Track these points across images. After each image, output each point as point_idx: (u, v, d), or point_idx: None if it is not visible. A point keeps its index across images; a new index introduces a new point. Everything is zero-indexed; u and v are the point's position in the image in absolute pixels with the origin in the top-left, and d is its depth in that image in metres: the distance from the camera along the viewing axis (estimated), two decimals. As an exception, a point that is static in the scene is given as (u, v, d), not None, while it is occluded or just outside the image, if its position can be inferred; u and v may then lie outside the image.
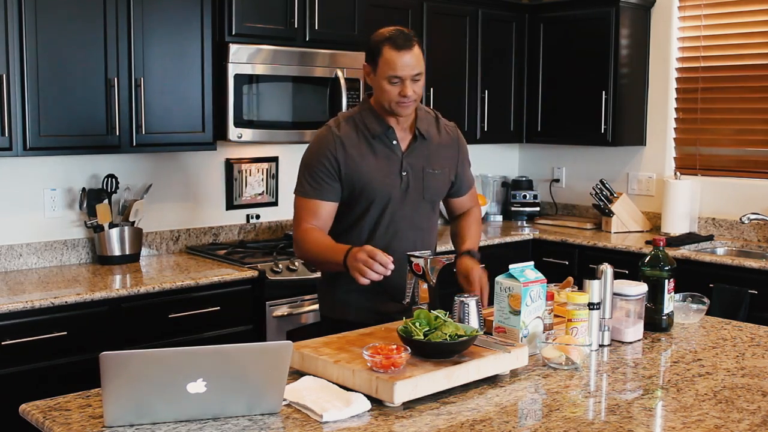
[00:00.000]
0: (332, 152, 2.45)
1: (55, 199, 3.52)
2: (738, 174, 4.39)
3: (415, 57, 2.39)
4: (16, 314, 2.83)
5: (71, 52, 3.16)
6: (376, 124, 2.49)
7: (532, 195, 5.08)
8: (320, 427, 1.69)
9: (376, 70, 2.42)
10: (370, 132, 2.49)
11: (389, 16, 4.22)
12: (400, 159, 2.51)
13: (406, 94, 2.40)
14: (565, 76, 4.76)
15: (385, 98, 2.43)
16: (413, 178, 2.52)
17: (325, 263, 2.44)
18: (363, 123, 2.50)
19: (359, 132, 2.49)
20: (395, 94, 2.40)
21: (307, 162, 2.50)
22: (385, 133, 2.50)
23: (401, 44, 2.38)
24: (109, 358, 1.59)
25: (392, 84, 2.39)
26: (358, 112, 2.53)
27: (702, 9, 4.48)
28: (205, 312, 3.27)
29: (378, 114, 2.50)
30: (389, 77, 2.39)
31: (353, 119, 2.52)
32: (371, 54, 2.44)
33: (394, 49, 2.37)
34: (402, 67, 2.37)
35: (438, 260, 2.35)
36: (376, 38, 2.44)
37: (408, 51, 2.38)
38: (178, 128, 3.47)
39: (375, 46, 2.42)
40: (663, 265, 2.46)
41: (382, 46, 2.39)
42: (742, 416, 1.79)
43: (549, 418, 1.77)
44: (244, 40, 3.57)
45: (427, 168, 2.55)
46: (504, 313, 2.18)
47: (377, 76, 2.42)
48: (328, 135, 2.48)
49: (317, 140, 2.51)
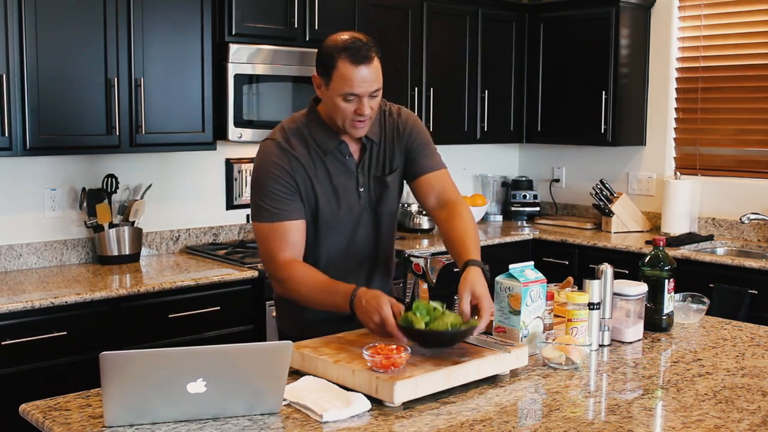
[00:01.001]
0: (286, 168, 2.19)
1: (55, 199, 3.52)
2: (738, 174, 4.39)
3: (374, 71, 2.12)
4: (16, 314, 2.83)
5: (71, 52, 3.16)
6: (326, 138, 2.23)
7: (532, 195, 5.08)
8: (320, 427, 1.69)
9: (329, 84, 2.13)
10: (321, 148, 2.23)
11: (389, 16, 4.22)
12: (356, 175, 2.27)
13: (362, 113, 2.13)
14: (565, 76, 4.76)
15: (338, 116, 2.16)
16: (372, 191, 2.30)
17: (322, 305, 2.16)
18: (312, 137, 2.23)
19: (309, 148, 2.23)
20: (350, 111, 2.14)
21: (262, 182, 2.20)
22: (337, 147, 2.24)
23: (359, 57, 2.08)
24: (109, 358, 1.59)
25: (347, 101, 2.12)
26: (305, 123, 2.25)
27: (702, 9, 4.48)
28: (205, 312, 3.27)
29: (327, 126, 2.23)
30: (344, 94, 2.11)
31: (300, 132, 2.24)
32: (323, 65, 2.13)
33: (350, 63, 2.08)
34: (359, 83, 2.10)
35: (438, 260, 2.35)
36: (329, 47, 2.13)
37: (366, 65, 2.10)
38: (178, 128, 3.47)
39: (328, 57, 2.11)
40: (663, 265, 2.46)
41: (337, 58, 2.09)
42: (742, 416, 1.79)
43: (549, 418, 1.77)
44: (244, 40, 3.57)
45: (382, 176, 2.31)
46: (504, 313, 2.18)
47: (330, 90, 2.13)
48: (278, 151, 2.21)
49: (266, 156, 2.22)
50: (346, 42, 2.11)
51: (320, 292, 2.14)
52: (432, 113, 4.42)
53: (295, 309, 2.33)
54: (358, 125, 2.18)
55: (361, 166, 2.29)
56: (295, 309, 2.33)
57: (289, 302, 2.29)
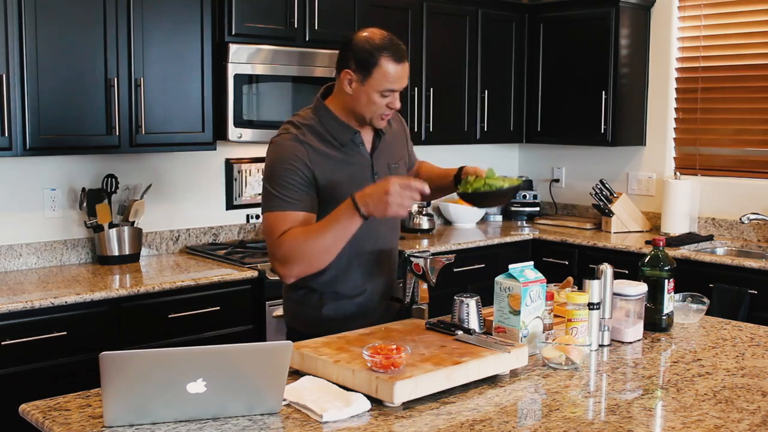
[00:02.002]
0: (304, 160, 2.23)
1: (55, 199, 3.52)
2: (738, 174, 4.39)
3: (407, 69, 2.26)
4: (16, 314, 2.83)
5: (71, 52, 3.16)
6: (341, 131, 2.30)
7: (532, 195, 5.09)
8: (320, 427, 1.69)
9: (368, 80, 2.21)
10: (338, 140, 2.30)
11: (389, 16, 4.22)
12: (370, 162, 2.37)
13: (395, 107, 2.27)
14: (565, 76, 4.76)
15: (369, 110, 2.26)
16: (383, 178, 2.33)
17: (335, 237, 2.14)
18: (327, 131, 2.29)
19: (325, 141, 2.29)
20: (383, 106, 2.25)
21: (277, 173, 2.24)
22: (352, 139, 2.32)
23: (399, 56, 2.22)
24: (109, 358, 1.59)
25: (384, 96, 2.23)
26: (317, 119, 2.31)
27: (702, 9, 4.48)
28: (205, 312, 3.27)
29: (340, 120, 2.31)
30: (384, 90, 2.22)
31: (313, 127, 2.29)
32: (362, 62, 2.20)
33: (394, 61, 2.20)
34: (399, 80, 2.23)
35: (438, 260, 2.35)
36: (369, 45, 2.21)
37: (404, 63, 2.24)
38: (178, 128, 3.47)
39: (369, 54, 2.20)
40: (663, 265, 2.46)
41: (380, 56, 2.19)
42: (742, 416, 1.79)
43: (549, 418, 1.77)
44: (244, 40, 3.57)
45: (391, 163, 2.43)
46: (504, 313, 2.18)
47: (366, 86, 2.22)
48: (296, 143, 2.25)
49: (282, 149, 2.26)
50: (385, 41, 2.22)
51: (319, 229, 2.16)
52: (432, 113, 4.43)
53: (307, 306, 2.38)
54: (385, 117, 2.31)
55: (374, 155, 2.38)
56: (307, 306, 2.38)
57: (301, 299, 2.37)
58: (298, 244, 2.17)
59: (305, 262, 2.19)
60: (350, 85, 2.25)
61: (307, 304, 2.38)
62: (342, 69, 2.26)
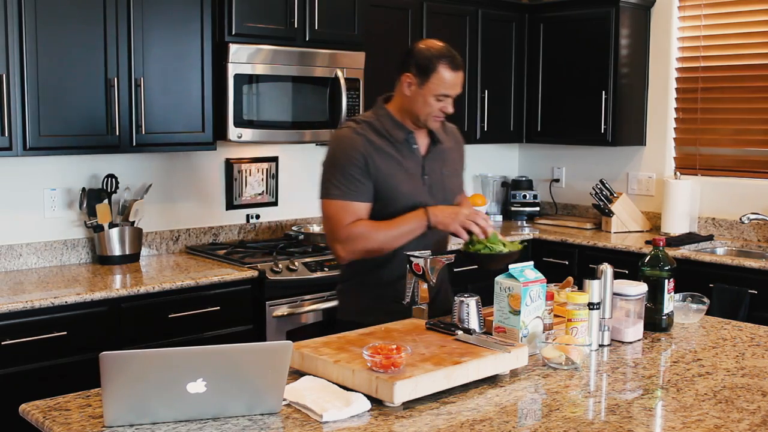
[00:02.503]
0: (362, 152, 2.45)
1: (55, 199, 3.52)
2: (738, 174, 4.39)
3: (462, 77, 2.49)
4: (16, 314, 2.83)
5: (71, 52, 3.16)
6: (397, 130, 2.52)
7: (532, 195, 5.08)
8: (320, 427, 1.69)
9: (425, 84, 2.45)
10: (394, 138, 2.51)
11: (389, 16, 4.22)
12: (422, 163, 2.56)
13: (449, 112, 2.50)
14: (565, 76, 4.76)
15: (423, 111, 2.48)
16: (434, 180, 2.57)
17: (400, 235, 2.43)
18: (384, 129, 2.51)
19: (383, 137, 2.50)
20: (436, 109, 2.48)
21: (337, 162, 2.47)
22: (406, 138, 2.53)
23: (456, 65, 2.45)
24: (109, 358, 1.59)
25: (438, 101, 2.46)
26: (376, 118, 2.53)
27: (702, 9, 4.48)
28: (205, 312, 3.27)
29: (396, 120, 2.53)
30: (439, 94, 2.45)
31: (372, 125, 2.52)
32: (422, 67, 2.44)
33: (450, 69, 2.44)
34: (454, 86, 2.46)
35: (438, 260, 2.36)
36: (429, 53, 2.45)
37: (460, 72, 2.47)
38: (178, 128, 3.47)
39: (428, 61, 2.43)
40: (663, 265, 2.46)
41: (438, 63, 2.43)
42: (742, 416, 1.79)
43: (549, 418, 1.77)
44: (244, 40, 3.57)
45: (444, 170, 2.62)
46: (504, 313, 2.18)
47: (424, 89, 2.45)
48: (356, 136, 2.48)
49: (344, 140, 2.49)
50: (443, 50, 2.47)
51: (389, 226, 2.44)
52: (432, 113, 4.42)
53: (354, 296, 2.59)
54: (437, 119, 2.53)
55: (426, 158, 2.58)
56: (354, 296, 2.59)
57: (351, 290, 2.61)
58: (366, 232, 2.43)
59: (366, 249, 2.45)
60: (409, 88, 2.48)
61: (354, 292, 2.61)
62: (403, 72, 2.49)
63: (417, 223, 2.44)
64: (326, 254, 3.71)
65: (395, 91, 2.55)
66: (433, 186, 2.57)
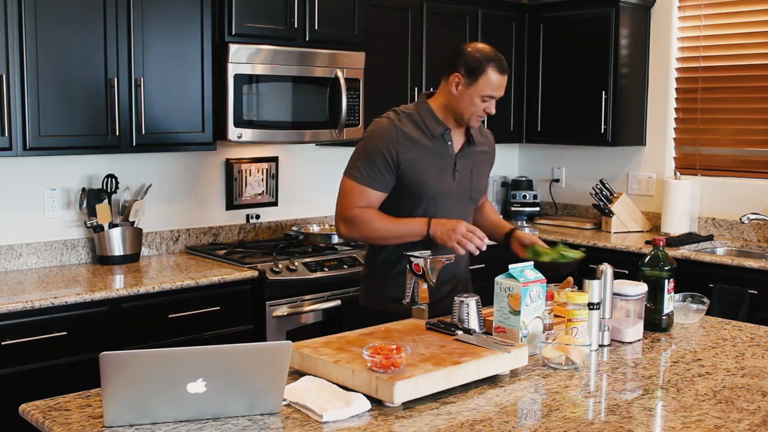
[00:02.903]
0: (394, 146, 2.53)
1: (55, 199, 3.52)
2: (738, 174, 4.39)
3: (506, 81, 2.59)
4: (16, 314, 2.83)
5: (71, 52, 3.16)
6: (435, 125, 2.60)
7: (532, 195, 5.08)
8: (320, 427, 1.69)
9: (473, 85, 2.53)
10: (431, 132, 2.59)
11: (389, 16, 4.22)
12: (454, 160, 2.63)
13: (491, 113, 2.60)
14: (565, 76, 4.76)
15: (468, 110, 2.57)
16: (463, 178, 2.65)
17: (398, 235, 2.53)
18: (423, 122, 2.60)
19: (419, 130, 2.59)
20: (480, 109, 2.57)
21: (367, 149, 2.57)
22: (443, 134, 2.61)
23: (504, 68, 2.56)
24: (109, 358, 1.59)
25: (484, 101, 2.56)
26: (417, 111, 2.62)
27: (702, 9, 4.48)
28: (205, 312, 3.27)
29: (436, 116, 2.61)
30: (485, 95, 2.54)
31: (412, 117, 2.61)
32: (472, 68, 2.53)
33: (498, 72, 2.55)
34: (499, 88, 2.57)
35: (438, 260, 2.36)
36: (480, 55, 2.54)
37: (506, 75, 2.58)
38: (178, 128, 3.47)
39: (478, 63, 2.53)
40: (663, 265, 2.46)
41: (487, 65, 2.53)
42: (742, 416, 1.79)
43: (549, 418, 1.77)
44: (244, 40, 3.57)
45: (474, 170, 2.69)
46: (504, 313, 2.18)
47: (471, 89, 2.54)
48: (391, 127, 2.57)
49: (379, 130, 2.59)
50: (492, 53, 2.57)
51: (397, 223, 2.53)
52: (432, 113, 4.42)
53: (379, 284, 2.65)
54: (479, 119, 2.62)
55: (459, 156, 2.66)
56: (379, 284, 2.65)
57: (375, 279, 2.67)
58: (370, 220, 2.53)
59: (364, 235, 2.58)
60: (456, 87, 2.56)
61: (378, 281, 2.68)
62: (452, 72, 2.57)
63: (417, 229, 2.51)
64: (326, 254, 3.72)
65: (439, 89, 2.64)
66: (461, 183, 2.64)
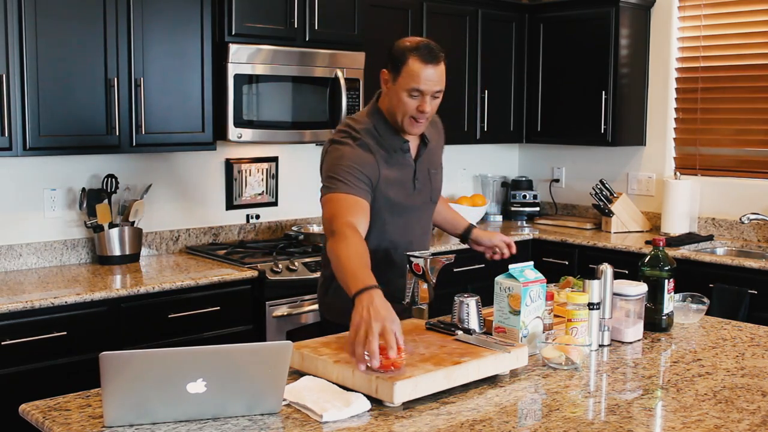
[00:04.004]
0: (365, 161, 2.35)
1: (55, 199, 3.52)
2: (738, 174, 4.39)
3: (439, 73, 2.32)
4: (16, 314, 2.83)
5: (71, 52, 3.16)
6: (393, 138, 2.43)
7: (532, 195, 5.08)
8: (320, 427, 1.69)
9: (397, 79, 2.33)
10: (390, 146, 2.42)
11: (389, 16, 4.22)
12: (414, 168, 2.49)
13: (424, 110, 2.33)
14: (565, 76, 4.76)
15: (399, 110, 2.35)
16: (422, 183, 2.52)
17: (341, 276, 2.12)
18: (380, 136, 2.41)
19: (378, 143, 2.41)
20: (412, 107, 2.33)
21: (342, 164, 2.33)
22: (401, 146, 2.45)
23: (428, 58, 2.30)
24: (109, 358, 1.59)
25: (412, 97, 2.32)
26: (372, 124, 2.42)
27: (702, 9, 4.48)
28: (205, 312, 3.27)
29: (390, 125, 2.42)
30: (410, 89, 2.31)
31: (370, 131, 2.41)
32: (394, 61, 2.34)
33: (420, 61, 2.29)
34: (425, 80, 2.30)
35: (438, 260, 2.35)
36: (401, 46, 2.34)
37: (434, 65, 2.30)
38: (178, 128, 3.47)
39: (400, 54, 2.32)
40: (663, 265, 2.46)
41: (408, 56, 2.30)
42: (742, 416, 1.79)
43: (549, 418, 1.77)
44: (244, 40, 3.57)
45: (431, 169, 2.56)
46: (504, 313, 2.18)
47: (397, 85, 2.34)
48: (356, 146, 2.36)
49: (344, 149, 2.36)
50: (419, 43, 2.33)
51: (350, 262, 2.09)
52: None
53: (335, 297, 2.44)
54: (415, 124, 2.38)
55: (417, 161, 2.50)
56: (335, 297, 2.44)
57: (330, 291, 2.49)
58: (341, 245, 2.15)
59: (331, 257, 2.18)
60: (386, 85, 2.40)
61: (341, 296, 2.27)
62: (381, 69, 2.41)
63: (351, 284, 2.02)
64: (326, 254, 3.71)
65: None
66: (422, 190, 2.52)
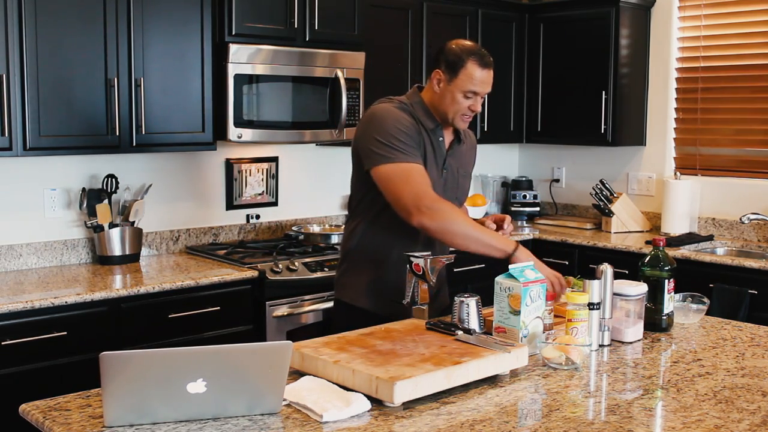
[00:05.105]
0: (412, 123, 2.44)
1: (55, 199, 3.52)
2: (738, 174, 4.39)
3: (491, 77, 2.50)
4: (16, 314, 2.83)
5: (71, 52, 3.16)
6: (427, 119, 2.51)
7: (532, 195, 5.08)
8: (320, 427, 1.69)
9: (454, 81, 2.45)
10: (424, 125, 2.50)
11: (389, 16, 4.22)
12: (444, 156, 2.55)
13: (476, 110, 2.49)
14: (565, 76, 4.76)
15: (452, 109, 2.47)
16: (450, 177, 2.58)
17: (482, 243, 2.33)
18: (416, 115, 2.50)
19: (416, 120, 2.48)
20: (464, 107, 2.47)
21: (392, 129, 2.39)
22: (434, 129, 2.52)
23: (486, 62, 2.47)
24: (109, 358, 1.59)
25: (466, 98, 2.46)
26: (409, 103, 2.51)
27: (702, 9, 4.48)
28: (205, 312, 3.27)
29: (428, 110, 2.52)
30: (467, 91, 2.45)
31: (406, 108, 2.49)
32: (451, 63, 2.45)
33: (479, 66, 2.45)
34: (482, 83, 2.47)
35: (438, 260, 2.36)
36: (459, 49, 2.46)
37: (489, 70, 2.48)
38: (178, 128, 3.47)
39: (458, 57, 2.44)
40: (663, 265, 2.46)
41: (467, 59, 2.44)
42: (742, 416, 1.79)
43: (549, 418, 1.77)
44: (244, 40, 3.57)
45: (460, 169, 2.62)
46: (504, 313, 2.18)
47: (452, 86, 2.45)
48: (400, 109, 2.45)
49: (391, 111, 2.44)
50: (474, 47, 2.49)
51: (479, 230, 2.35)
52: (432, 113, 4.42)
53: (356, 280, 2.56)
54: (465, 119, 2.52)
55: (448, 153, 2.58)
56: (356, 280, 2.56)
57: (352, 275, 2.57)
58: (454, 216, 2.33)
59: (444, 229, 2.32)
60: (438, 85, 2.48)
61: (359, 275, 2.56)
62: (433, 69, 2.50)
63: (503, 245, 2.33)
64: (326, 254, 3.71)
65: (425, 88, 2.56)
66: (448, 182, 2.57)
